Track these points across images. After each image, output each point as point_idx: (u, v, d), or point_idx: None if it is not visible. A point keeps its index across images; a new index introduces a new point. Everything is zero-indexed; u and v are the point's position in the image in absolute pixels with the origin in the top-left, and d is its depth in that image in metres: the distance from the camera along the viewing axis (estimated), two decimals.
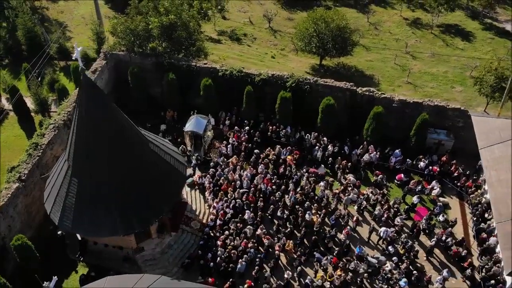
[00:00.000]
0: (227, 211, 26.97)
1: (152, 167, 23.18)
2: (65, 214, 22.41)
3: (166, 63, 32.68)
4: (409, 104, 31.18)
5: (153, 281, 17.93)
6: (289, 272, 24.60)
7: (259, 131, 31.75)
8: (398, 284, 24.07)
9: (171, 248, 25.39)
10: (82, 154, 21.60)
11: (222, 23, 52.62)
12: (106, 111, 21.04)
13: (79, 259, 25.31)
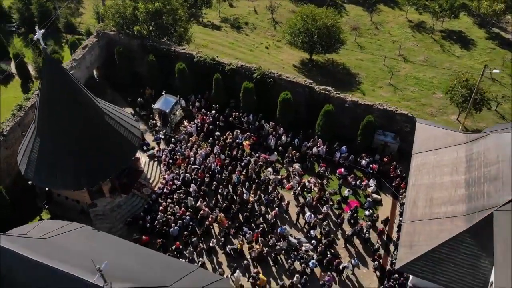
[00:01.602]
0: (176, 182, 30.73)
1: (105, 135, 27.16)
2: (30, 167, 26.92)
3: (149, 46, 36.45)
4: (361, 105, 33.46)
5: (75, 228, 22.02)
6: (214, 240, 28.14)
7: (223, 116, 35.10)
8: (308, 263, 27.09)
9: (120, 208, 29.50)
10: (44, 119, 25.86)
11: (228, 10, 55.68)
12: (64, 84, 25.04)
13: (44, 207, 29.92)
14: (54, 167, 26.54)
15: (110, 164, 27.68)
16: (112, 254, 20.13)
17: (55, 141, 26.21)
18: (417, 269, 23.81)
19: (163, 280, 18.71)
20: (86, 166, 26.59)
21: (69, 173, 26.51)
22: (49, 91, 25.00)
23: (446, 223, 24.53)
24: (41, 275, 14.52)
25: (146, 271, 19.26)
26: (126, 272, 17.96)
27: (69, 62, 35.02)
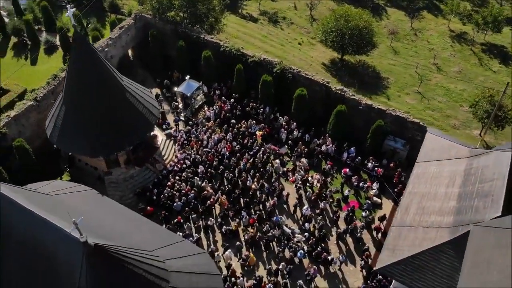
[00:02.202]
0: (186, 162, 32.79)
1: (124, 111, 29.51)
2: (54, 132, 29.77)
3: (181, 32, 38.55)
4: (374, 109, 34.02)
5: (82, 190, 24.49)
6: (212, 219, 29.99)
7: (241, 105, 36.74)
8: (296, 253, 28.39)
9: (132, 179, 31.93)
10: (70, 89, 28.52)
11: (268, 4, 56.87)
12: (90, 60, 27.51)
13: (66, 170, 32.86)
14: (75, 134, 29.21)
15: (126, 137, 30.05)
16: (107, 216, 22.38)
17: (78, 111, 28.83)
18: (396, 272, 24.54)
19: (146, 245, 20.70)
20: (104, 137, 29.07)
21: (88, 141, 29.10)
22: (76, 65, 27.56)
23: (431, 232, 25.05)
24: (30, 222, 16.80)
25: (134, 236, 21.30)
26: (113, 233, 20.06)
27: (106, 39, 37.75)
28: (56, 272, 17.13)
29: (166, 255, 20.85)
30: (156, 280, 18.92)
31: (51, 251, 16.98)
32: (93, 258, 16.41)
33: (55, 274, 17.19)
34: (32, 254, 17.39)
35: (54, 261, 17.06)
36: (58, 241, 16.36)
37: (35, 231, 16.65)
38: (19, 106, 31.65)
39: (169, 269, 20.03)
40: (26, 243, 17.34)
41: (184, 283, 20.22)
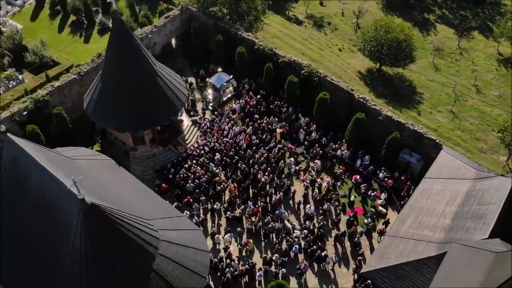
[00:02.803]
0: (205, 148, 35.00)
1: (153, 93, 32.08)
2: (90, 105, 32.92)
3: (221, 27, 40.79)
4: (393, 121, 34.59)
5: (102, 158, 27.25)
6: (219, 204, 32.00)
7: (266, 102, 38.45)
8: (292, 247, 29.81)
9: (155, 157, 34.56)
10: (107, 67, 31.47)
11: (316, 8, 57.90)
12: (127, 44, 30.26)
13: (98, 141, 36.08)
14: (107, 109, 32.17)
15: (152, 118, 32.66)
16: (117, 184, 24.94)
17: (112, 88, 31.74)
18: (379, 278, 25.47)
19: (145, 214, 23.01)
20: (132, 115, 31.81)
21: (118, 116, 31.97)
22: (114, 46, 30.42)
23: (420, 245, 25.68)
24: (41, 176, 19.52)
25: (136, 204, 23.69)
26: (116, 199, 22.49)
27: (151, 27, 40.71)
28: (57, 223, 19.75)
29: (161, 226, 23.05)
30: (145, 245, 21.14)
31: (55, 204, 19.60)
32: (89, 216, 18.82)
33: (56, 224, 19.82)
34: (39, 204, 20.11)
35: (57, 214, 19.68)
36: (61, 195, 18.91)
37: (44, 183, 19.31)
38: (63, 78, 35.13)
39: (160, 237, 22.20)
40: (35, 194, 20.09)
41: (172, 252, 22.32)
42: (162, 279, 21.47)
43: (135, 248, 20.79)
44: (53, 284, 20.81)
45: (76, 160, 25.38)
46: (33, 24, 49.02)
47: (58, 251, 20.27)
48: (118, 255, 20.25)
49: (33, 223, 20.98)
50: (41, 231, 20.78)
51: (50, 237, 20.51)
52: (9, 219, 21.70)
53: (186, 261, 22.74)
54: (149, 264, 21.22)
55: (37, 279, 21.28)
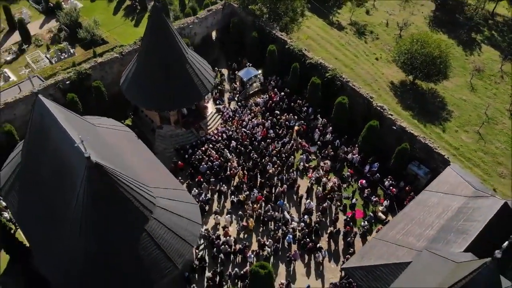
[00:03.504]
0: (224, 135, 37.49)
1: (181, 78, 34.94)
2: (125, 82, 36.36)
3: (257, 24, 43.08)
4: (407, 132, 35.40)
5: (124, 130, 30.41)
6: (226, 187, 34.40)
7: (289, 100, 40.33)
8: (285, 236, 31.67)
9: (177, 137, 37.51)
10: (143, 49, 34.72)
11: (361, 16, 58.78)
12: (162, 30, 33.28)
13: (130, 116, 39.58)
14: (139, 87, 35.45)
15: (178, 101, 35.59)
16: (130, 152, 27.92)
17: (145, 69, 34.94)
18: (357, 275, 26.83)
19: (148, 181, 25.80)
20: (160, 95, 34.85)
21: (148, 96, 35.14)
22: (151, 32, 33.55)
23: (401, 251, 26.72)
24: (57, 132, 22.73)
25: (142, 172, 26.50)
26: (124, 164, 25.39)
27: (193, 18, 43.70)
28: (68, 175, 22.92)
29: (160, 194, 25.76)
30: (141, 207, 23.90)
31: (68, 159, 22.77)
32: (92, 173, 21.74)
33: (67, 177, 23.00)
34: (55, 157, 23.39)
35: (68, 167, 22.86)
36: (72, 152, 22.00)
37: (60, 140, 22.53)
38: (106, 56, 38.83)
39: (157, 203, 24.91)
40: (53, 148, 23.37)
41: (165, 218, 24.97)
42: (152, 240, 24.13)
43: (131, 208, 23.56)
44: (61, 228, 24.06)
45: (99, 127, 28.66)
46: (92, 4, 53.66)
47: (67, 200, 23.46)
48: (115, 212, 23.09)
49: (50, 174, 24.36)
50: (55, 181, 24.10)
51: (62, 187, 23.75)
52: (31, 169, 25.25)
53: (177, 228, 25.27)
54: (142, 224, 23.95)
55: (49, 221, 24.66)
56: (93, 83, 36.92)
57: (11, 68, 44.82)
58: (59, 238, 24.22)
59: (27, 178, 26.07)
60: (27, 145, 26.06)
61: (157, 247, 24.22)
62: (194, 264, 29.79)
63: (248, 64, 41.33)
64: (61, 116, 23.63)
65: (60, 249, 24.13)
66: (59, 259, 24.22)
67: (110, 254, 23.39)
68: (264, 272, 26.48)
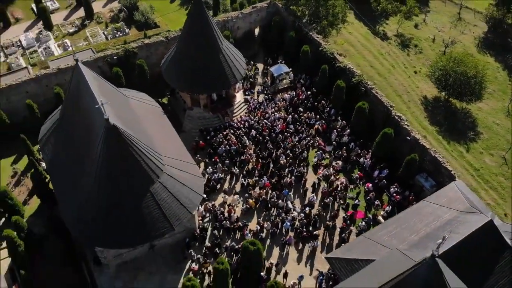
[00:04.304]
0: (246, 124, 40.29)
1: (213, 66, 38.04)
2: (165, 64, 40.11)
3: (296, 25, 45.42)
4: (419, 144, 36.44)
5: (153, 105, 34.03)
6: (237, 169, 37.20)
7: (314, 99, 42.38)
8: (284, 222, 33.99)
9: (204, 119, 40.79)
10: (183, 38, 38.27)
11: (409, 29, 59.04)
12: (201, 21, 36.51)
13: (167, 95, 43.40)
14: (175, 69, 39.01)
15: (208, 86, 38.85)
16: (152, 124, 31.42)
17: (182, 53, 38.44)
18: (337, 265, 28.73)
19: (161, 150, 29.13)
20: (193, 80, 38.21)
21: (182, 78, 38.66)
22: (190, 21, 37.00)
23: (383, 250, 28.22)
24: (88, 96, 26.55)
25: (159, 142, 29.87)
26: (141, 132, 28.83)
27: (238, 13, 46.77)
28: (92, 133, 26.69)
29: (170, 163, 29.02)
30: (149, 170, 27.27)
31: (93, 119, 26.53)
32: (109, 133, 25.30)
33: (92, 134, 26.77)
34: (85, 117, 27.26)
35: (93, 126, 26.62)
36: (96, 113, 25.69)
37: (89, 102, 26.33)
38: (153, 38, 42.84)
39: (164, 170, 28.19)
40: (84, 109, 27.26)
41: (170, 184, 28.20)
42: (154, 201, 27.42)
43: (140, 170, 26.93)
44: (80, 180, 27.98)
45: (130, 99, 32.43)
46: None
47: (88, 156, 27.29)
48: (125, 171, 26.55)
49: (79, 131, 28.35)
50: (82, 137, 28.05)
51: (87, 144, 27.60)
52: (65, 126, 29.41)
53: (179, 195, 28.40)
54: (148, 185, 27.30)
55: (73, 173, 28.68)
56: (137, 61, 40.94)
57: (72, 39, 50.19)
58: (78, 189, 28.12)
59: (60, 133, 30.33)
60: (65, 104, 30.32)
61: (158, 208, 27.46)
62: (196, 233, 32.85)
63: (280, 61, 43.73)
64: (94, 82, 27.46)
65: (78, 198, 28.01)
66: (76, 206, 28.12)
67: (117, 207, 26.90)
68: (253, 248, 29.12)
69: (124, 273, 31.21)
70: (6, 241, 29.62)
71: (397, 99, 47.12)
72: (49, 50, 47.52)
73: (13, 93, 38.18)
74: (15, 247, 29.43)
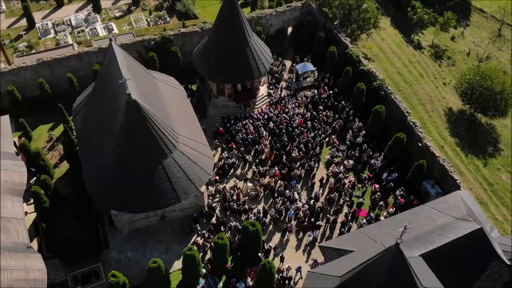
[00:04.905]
0: (265, 116, 42.33)
1: (239, 58, 40.27)
2: (196, 52, 42.82)
3: (326, 26, 46.94)
4: (429, 151, 37.23)
5: (179, 88, 36.78)
6: (250, 157, 39.34)
7: (334, 99, 43.82)
8: (288, 210, 35.84)
9: (227, 107, 43.17)
10: (214, 30, 40.72)
11: (445, 41, 59.00)
12: (232, 16, 38.80)
13: (197, 83, 46.12)
14: (205, 60, 41.55)
15: (232, 77, 41.13)
16: (174, 104, 34.17)
17: (212, 45, 40.89)
18: (328, 254, 30.17)
19: (177, 129, 31.73)
20: (219, 70, 40.63)
21: (209, 67, 41.18)
22: (222, 15, 39.32)
23: (372, 245, 29.49)
24: (116, 72, 29.51)
25: (176, 121, 32.49)
26: (162, 110, 31.53)
27: (272, 10, 48.83)
28: (118, 104, 29.61)
29: (184, 141, 31.58)
30: (163, 145, 29.93)
31: (118, 93, 29.43)
32: (130, 107, 28.09)
33: (117, 105, 29.69)
34: (112, 91, 30.25)
35: (118, 99, 29.55)
36: (121, 88, 28.57)
37: (116, 78, 29.27)
38: (189, 28, 45.62)
39: (177, 147, 30.78)
40: (112, 84, 30.25)
41: (182, 160, 30.77)
42: (165, 174, 30.04)
43: (155, 144, 29.60)
44: (103, 148, 31.04)
45: (157, 80, 35.28)
46: None
47: (111, 126, 30.28)
48: (141, 143, 29.26)
49: (106, 104, 31.42)
50: (108, 110, 31.10)
51: (112, 116, 30.61)
52: (95, 98, 32.58)
53: (189, 171, 30.91)
54: (161, 159, 29.96)
55: (97, 142, 31.82)
56: (172, 48, 43.86)
57: (117, 23, 54.00)
58: (99, 156, 31.21)
59: (90, 105, 33.58)
60: (97, 79, 33.51)
61: (168, 180, 30.08)
62: (204, 210, 35.29)
63: (306, 59, 45.42)
64: (123, 61, 30.41)
65: (98, 164, 31.10)
66: (96, 172, 31.23)
67: (131, 175, 29.74)
68: (252, 229, 31.19)
69: (134, 238, 34.08)
70: (33, 197, 33.13)
71: (420, 107, 47.77)
72: (95, 31, 51.46)
73: (57, 66, 42.05)
74: (41, 203, 32.90)
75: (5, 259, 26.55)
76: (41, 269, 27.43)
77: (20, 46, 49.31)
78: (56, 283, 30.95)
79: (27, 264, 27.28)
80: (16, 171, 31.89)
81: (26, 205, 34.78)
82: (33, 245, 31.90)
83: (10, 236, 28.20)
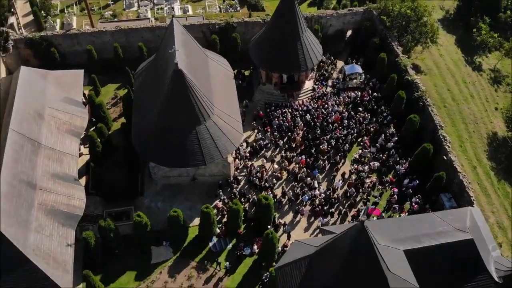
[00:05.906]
0: (304, 108, 45.29)
1: (289, 52, 43.55)
2: (253, 41, 46.74)
3: (383, 33, 48.76)
4: (453, 165, 38.26)
5: (227, 69, 41.02)
6: (282, 142, 42.59)
7: (375, 103, 45.76)
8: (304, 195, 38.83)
9: (271, 95, 46.56)
10: (270, 22, 44.36)
11: (509, 67, 57.48)
12: (288, 12, 42.04)
13: (251, 69, 50.03)
14: (260, 48, 45.10)
15: (280, 67, 44.54)
16: (219, 82, 38.66)
17: (267, 36, 44.33)
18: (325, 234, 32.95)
19: (215, 102, 35.94)
20: (270, 58, 44.12)
21: (262, 55, 44.76)
22: (280, 10, 42.67)
23: None
24: (171, 45, 34.25)
25: (216, 96, 36.70)
26: (205, 84, 35.83)
27: (333, 12, 51.47)
28: (168, 72, 34.31)
29: (220, 114, 35.73)
30: (199, 114, 34.28)
31: (170, 63, 34.12)
32: (175, 75, 32.67)
33: (167, 73, 34.40)
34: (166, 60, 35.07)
35: (169, 67, 34.23)
36: (172, 59, 33.23)
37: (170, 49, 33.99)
38: (252, 18, 49.68)
39: (211, 117, 35.00)
40: (167, 54, 35.05)
41: (213, 130, 35.04)
42: (196, 138, 34.41)
43: (192, 111, 34.00)
44: (148, 107, 36.05)
45: (209, 58, 39.75)
46: None
47: (159, 90, 35.16)
48: (181, 108, 33.80)
49: (160, 71, 36.41)
50: (160, 76, 36.04)
51: (161, 81, 35.47)
52: (153, 66, 37.74)
53: (218, 140, 35.01)
54: (195, 125, 34.35)
55: (146, 101, 36.94)
56: (233, 34, 48.20)
57: (193, 5, 59.47)
58: (146, 115, 36.29)
59: (148, 71, 38.77)
60: (158, 50, 38.62)
61: (198, 144, 34.41)
62: (229, 180, 39.28)
63: (355, 62, 47.64)
64: (179, 36, 35.11)
65: (143, 122, 36.22)
66: (141, 128, 36.35)
67: (168, 135, 34.46)
68: (265, 202, 34.65)
69: (166, 192, 38.91)
70: (89, 141, 39.06)
71: (461, 126, 48.02)
72: (172, 10, 57.25)
73: (132, 35, 48.01)
74: (94, 146, 38.72)
75: (55, 184, 32.31)
76: (82, 199, 32.94)
77: (106, 14, 56.31)
78: (93, 215, 36.44)
79: (71, 192, 32.92)
80: (79, 117, 37.92)
81: (83, 147, 40.87)
82: (82, 181, 37.73)
83: (63, 167, 34.04)
